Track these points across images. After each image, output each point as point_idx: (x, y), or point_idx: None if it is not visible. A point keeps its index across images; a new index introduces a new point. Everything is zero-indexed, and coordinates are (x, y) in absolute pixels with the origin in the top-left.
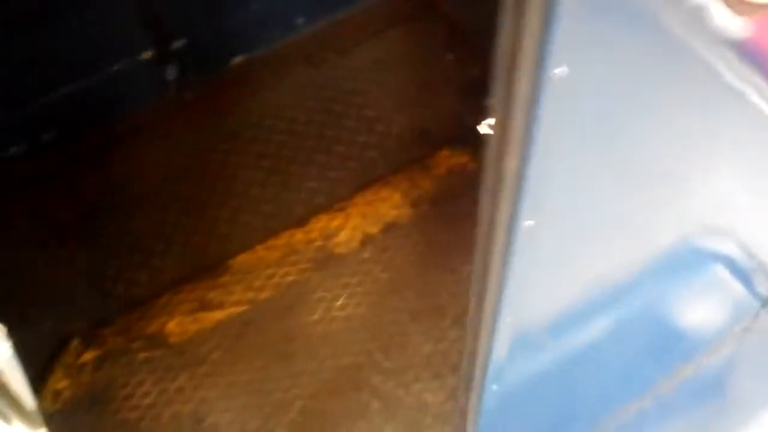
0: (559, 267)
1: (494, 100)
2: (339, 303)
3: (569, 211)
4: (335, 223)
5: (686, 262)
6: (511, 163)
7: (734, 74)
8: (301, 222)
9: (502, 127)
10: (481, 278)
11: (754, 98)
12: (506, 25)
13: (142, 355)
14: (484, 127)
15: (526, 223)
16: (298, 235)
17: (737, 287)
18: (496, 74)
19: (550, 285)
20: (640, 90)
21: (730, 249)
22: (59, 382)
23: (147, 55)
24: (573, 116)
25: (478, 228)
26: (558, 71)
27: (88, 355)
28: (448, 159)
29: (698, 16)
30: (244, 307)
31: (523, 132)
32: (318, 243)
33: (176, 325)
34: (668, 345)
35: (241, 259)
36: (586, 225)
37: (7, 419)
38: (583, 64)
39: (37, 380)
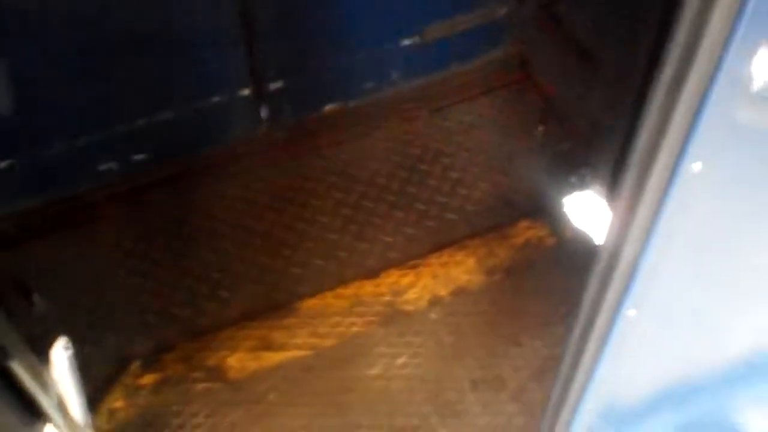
0: (652, 357)
1: (624, 187)
2: (400, 361)
3: (674, 304)
4: (406, 280)
5: None
6: (627, 251)
7: None
8: (373, 274)
9: (626, 215)
10: (571, 362)
11: None
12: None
13: (199, 386)
14: (568, 203)
15: (630, 312)
16: (368, 287)
17: None
18: (630, 162)
19: (640, 373)
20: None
21: None
22: (116, 401)
23: (245, 91)
24: (699, 213)
25: (579, 310)
26: (694, 166)
27: (147, 379)
28: (527, 230)
29: None
30: (306, 352)
31: (648, 222)
32: (386, 298)
33: (237, 361)
34: None
35: (309, 304)
36: (688, 318)
37: (58, 427)
38: (720, 161)
39: (95, 397)
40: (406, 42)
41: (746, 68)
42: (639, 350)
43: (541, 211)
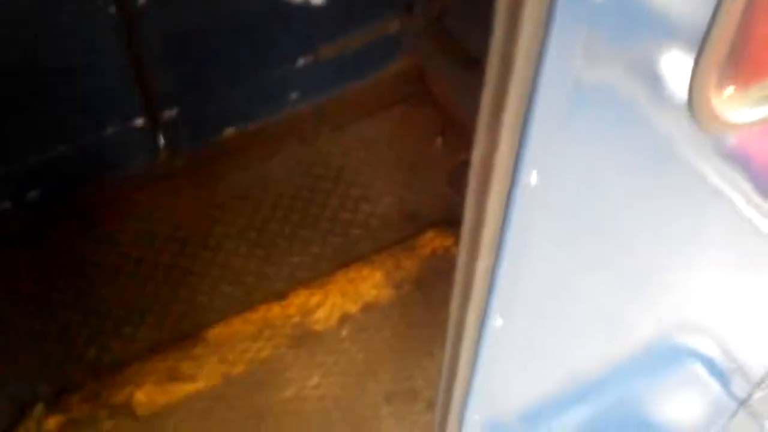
0: (531, 362)
1: (466, 205)
2: (313, 382)
3: (541, 309)
4: (314, 299)
5: (663, 359)
6: (481, 264)
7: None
8: (281, 296)
9: (473, 232)
10: (448, 375)
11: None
12: (481, 131)
13: (107, 424)
14: None
15: (496, 321)
16: (276, 310)
17: (715, 387)
18: (468, 179)
19: (521, 380)
20: (616, 190)
21: (708, 348)
22: None
23: (138, 121)
24: (546, 220)
25: (448, 324)
26: (531, 179)
27: (52, 422)
28: (432, 241)
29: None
30: (216, 381)
31: (495, 237)
32: (295, 319)
33: (145, 395)
34: None
35: (217, 331)
36: (558, 322)
37: None
38: (556, 170)
39: None
40: (301, 62)
41: (570, 61)
42: (515, 358)
43: (446, 221)
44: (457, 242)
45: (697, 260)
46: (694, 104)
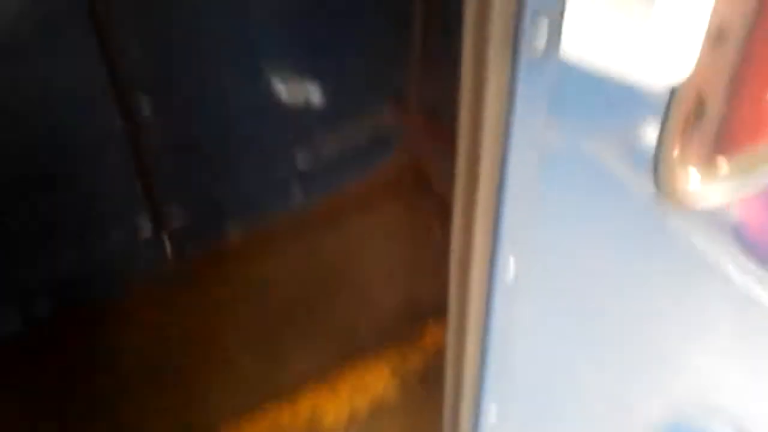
0: None
1: (449, 299)
2: None
3: (538, 396)
4: (323, 398)
5: None
6: (469, 359)
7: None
8: (289, 397)
9: (457, 328)
10: None
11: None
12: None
13: None
14: None
15: (491, 418)
16: (285, 411)
17: None
18: (449, 271)
19: None
20: (601, 269)
21: (723, 429)
22: None
23: (145, 228)
24: (529, 306)
25: (444, 415)
26: (509, 269)
27: None
28: (437, 332)
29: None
30: None
31: (479, 328)
32: (304, 420)
33: None
34: None
35: None
36: (559, 413)
37: None
38: (534, 254)
39: None
40: (300, 161)
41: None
42: None
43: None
44: None
45: (698, 336)
46: (661, 184)
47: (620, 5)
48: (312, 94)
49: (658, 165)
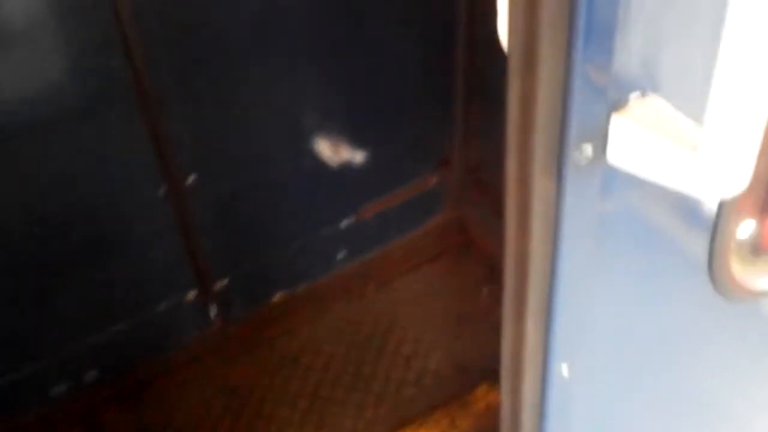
0: None
1: (502, 391)
2: None
3: None
4: None
5: None
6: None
7: None
8: None
9: (511, 414)
10: None
11: None
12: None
13: None
14: None
15: None
16: None
17: None
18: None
19: None
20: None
21: None
22: None
23: (191, 294)
24: (584, 409)
25: None
26: (562, 369)
27: None
28: (486, 395)
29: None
30: None
31: (534, 418)
32: None
33: None
34: None
35: None
36: None
37: None
38: (587, 359)
39: None
40: (345, 223)
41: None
42: None
43: (498, 373)
44: None
45: None
46: (715, 275)
47: (667, 130)
48: (359, 161)
49: (714, 273)
